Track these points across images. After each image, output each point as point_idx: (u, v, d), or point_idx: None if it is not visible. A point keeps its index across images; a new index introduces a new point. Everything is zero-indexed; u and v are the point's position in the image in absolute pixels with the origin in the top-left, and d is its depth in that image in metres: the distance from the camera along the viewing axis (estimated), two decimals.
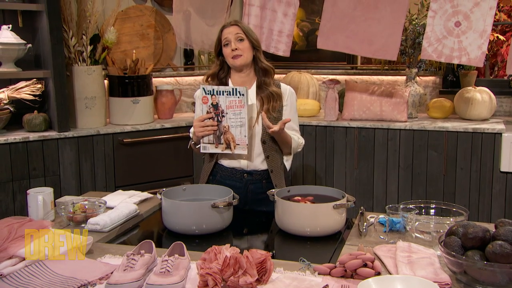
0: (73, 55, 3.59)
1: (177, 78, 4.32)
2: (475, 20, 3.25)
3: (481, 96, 3.76)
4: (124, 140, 3.63)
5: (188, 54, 4.31)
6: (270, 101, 2.46)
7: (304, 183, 3.87)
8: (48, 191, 2.07)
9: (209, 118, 2.37)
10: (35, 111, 3.50)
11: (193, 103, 4.32)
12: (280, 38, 3.63)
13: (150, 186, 3.52)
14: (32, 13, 3.54)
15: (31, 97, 3.37)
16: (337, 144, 3.82)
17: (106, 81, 3.81)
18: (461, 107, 3.83)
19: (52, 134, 3.42)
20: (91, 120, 3.64)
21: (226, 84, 2.51)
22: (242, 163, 2.48)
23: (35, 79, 3.48)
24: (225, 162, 2.51)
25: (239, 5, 4.43)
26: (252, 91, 2.50)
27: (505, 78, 3.51)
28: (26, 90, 3.44)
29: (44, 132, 3.44)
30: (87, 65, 3.62)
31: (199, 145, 2.47)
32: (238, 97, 2.33)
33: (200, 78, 4.41)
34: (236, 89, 2.33)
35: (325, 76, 4.37)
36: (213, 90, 2.35)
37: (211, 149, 2.41)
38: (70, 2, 3.54)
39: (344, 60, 4.36)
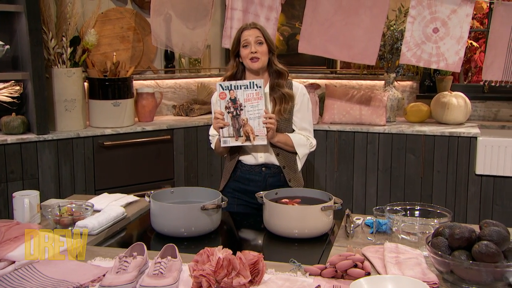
0: (53, 57, 3.55)
1: (158, 81, 4.30)
2: (452, 26, 3.34)
3: (456, 101, 3.85)
4: (105, 143, 3.60)
5: (169, 57, 4.31)
6: (282, 102, 2.53)
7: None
8: (34, 194, 2.05)
9: (228, 113, 2.43)
10: (13, 114, 3.46)
11: (174, 106, 4.31)
12: None
13: (130, 190, 3.49)
14: (10, 14, 3.49)
15: (9, 99, 3.32)
16: (317, 147, 3.82)
17: (86, 84, 3.78)
18: (437, 111, 3.91)
19: (31, 136, 3.38)
20: (70, 123, 3.60)
21: None
22: (261, 159, 2.55)
23: (13, 81, 3.43)
24: (245, 159, 2.57)
25: (220, 8, 4.44)
26: (266, 91, 2.55)
27: (481, 83, 3.61)
28: (4, 92, 3.38)
29: (22, 135, 3.40)
30: (66, 67, 3.59)
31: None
32: (256, 90, 2.41)
33: (181, 81, 4.41)
34: (253, 82, 2.41)
35: (305, 80, 4.42)
36: (231, 85, 2.42)
37: (232, 142, 2.46)
38: (49, 4, 3.51)
39: (324, 65, 4.41)
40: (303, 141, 2.58)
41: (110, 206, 2.18)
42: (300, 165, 2.63)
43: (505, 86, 3.61)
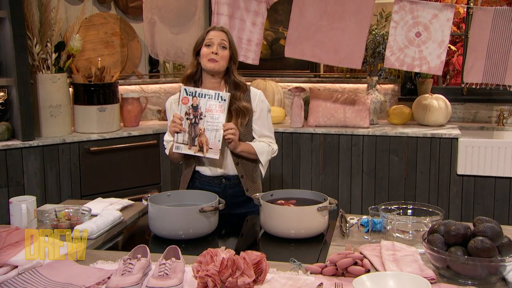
0: (37, 63, 3.53)
1: (142, 86, 4.30)
2: (434, 30, 3.43)
3: (437, 103, 3.94)
4: (91, 149, 3.59)
5: (153, 62, 4.31)
6: (239, 116, 2.47)
7: (271, 188, 3.93)
8: (31, 199, 2.04)
9: (187, 119, 2.38)
10: None
11: (159, 111, 4.31)
12: (249, 47, 3.70)
13: (117, 195, 3.43)
14: None
15: None
16: (303, 150, 3.91)
17: (70, 89, 3.76)
18: (419, 113, 4.00)
19: (16, 143, 3.35)
20: (56, 129, 3.58)
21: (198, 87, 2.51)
22: (219, 171, 2.51)
23: None
24: (202, 169, 2.54)
25: (204, 13, 4.46)
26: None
27: (463, 85, 3.71)
28: None
29: (7, 141, 3.37)
30: (51, 72, 3.57)
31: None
32: (219, 102, 2.36)
33: (166, 86, 4.41)
34: (218, 93, 2.36)
35: (289, 84, 4.47)
36: (195, 92, 2.37)
37: (184, 150, 2.40)
38: (33, 9, 3.49)
39: (308, 68, 4.46)
40: (265, 148, 2.55)
41: (106, 210, 2.19)
42: (263, 172, 2.60)
43: (485, 88, 3.72)
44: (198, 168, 2.54)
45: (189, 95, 2.38)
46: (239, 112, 2.47)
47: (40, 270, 1.63)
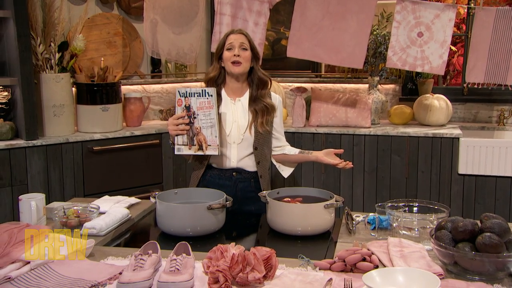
0: (41, 63, 3.54)
1: (144, 86, 4.31)
2: (436, 31, 3.46)
3: (438, 103, 3.97)
4: (94, 148, 3.60)
5: (155, 62, 4.32)
6: (264, 114, 2.53)
7: (273, 187, 3.93)
8: (40, 197, 2.06)
9: (183, 119, 2.42)
10: (1, 119, 3.43)
11: (161, 111, 4.32)
12: None
13: (119, 194, 3.48)
14: None
15: None
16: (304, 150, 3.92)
17: (73, 89, 3.77)
18: (420, 113, 4.02)
19: (20, 142, 3.36)
20: (59, 128, 3.59)
21: (220, 91, 2.57)
22: (232, 163, 2.54)
23: (1, 87, 3.42)
24: (216, 162, 2.56)
25: (207, 14, 4.47)
26: (245, 100, 2.56)
27: (465, 85, 3.72)
28: None
29: (11, 141, 3.37)
30: (55, 72, 3.58)
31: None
32: (207, 98, 2.39)
33: (168, 86, 4.43)
34: (205, 90, 2.40)
35: (290, 84, 4.48)
36: (186, 92, 2.41)
37: (185, 150, 2.45)
38: (36, 9, 3.50)
39: (309, 69, 4.48)
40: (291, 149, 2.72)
41: (114, 208, 2.20)
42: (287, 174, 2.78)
43: (485, 88, 3.74)
44: (212, 161, 2.57)
45: (182, 96, 2.42)
46: (264, 110, 2.54)
47: (52, 265, 1.64)
